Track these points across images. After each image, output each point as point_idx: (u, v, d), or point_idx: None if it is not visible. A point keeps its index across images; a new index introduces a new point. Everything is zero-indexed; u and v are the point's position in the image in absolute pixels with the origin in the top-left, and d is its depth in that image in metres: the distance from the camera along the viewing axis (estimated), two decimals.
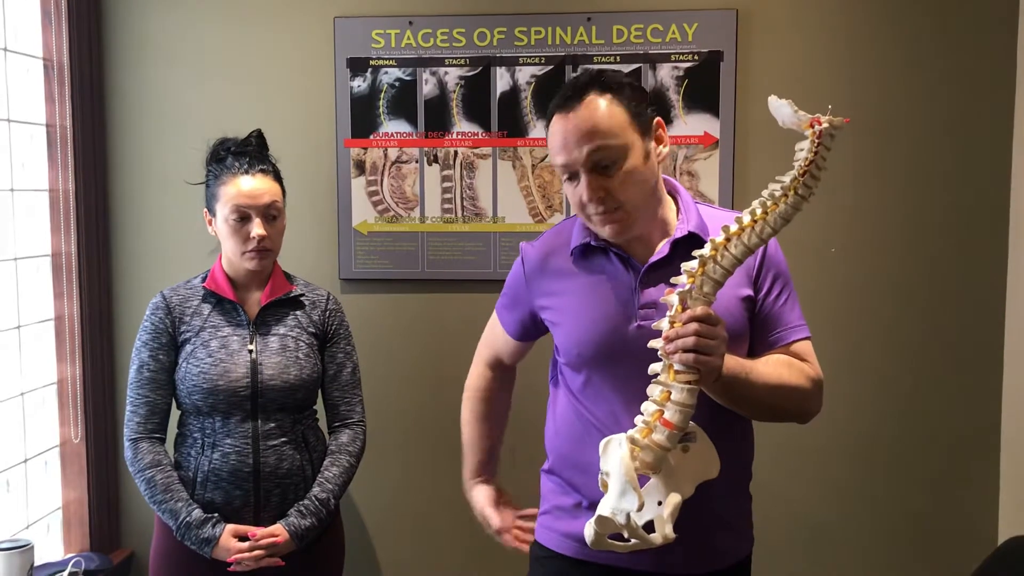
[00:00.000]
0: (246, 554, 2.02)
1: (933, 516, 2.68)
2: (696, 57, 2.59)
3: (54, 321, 2.62)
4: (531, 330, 1.84)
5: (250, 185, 2.07)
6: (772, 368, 1.59)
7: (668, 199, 1.70)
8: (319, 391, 2.22)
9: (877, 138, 2.59)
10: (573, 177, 1.60)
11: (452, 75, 2.66)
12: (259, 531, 2.05)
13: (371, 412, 2.35)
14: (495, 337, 1.93)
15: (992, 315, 2.62)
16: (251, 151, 2.14)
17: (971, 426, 2.65)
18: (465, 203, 2.69)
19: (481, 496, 1.93)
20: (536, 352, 1.95)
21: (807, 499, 2.70)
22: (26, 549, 2.27)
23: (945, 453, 2.66)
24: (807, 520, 2.70)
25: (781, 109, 1.40)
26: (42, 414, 2.61)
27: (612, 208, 1.58)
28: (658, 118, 1.64)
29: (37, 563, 2.37)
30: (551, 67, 2.62)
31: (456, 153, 2.68)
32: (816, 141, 1.37)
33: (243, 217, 2.07)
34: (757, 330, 1.65)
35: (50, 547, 2.62)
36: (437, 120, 2.67)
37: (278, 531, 2.06)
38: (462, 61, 2.65)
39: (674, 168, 2.62)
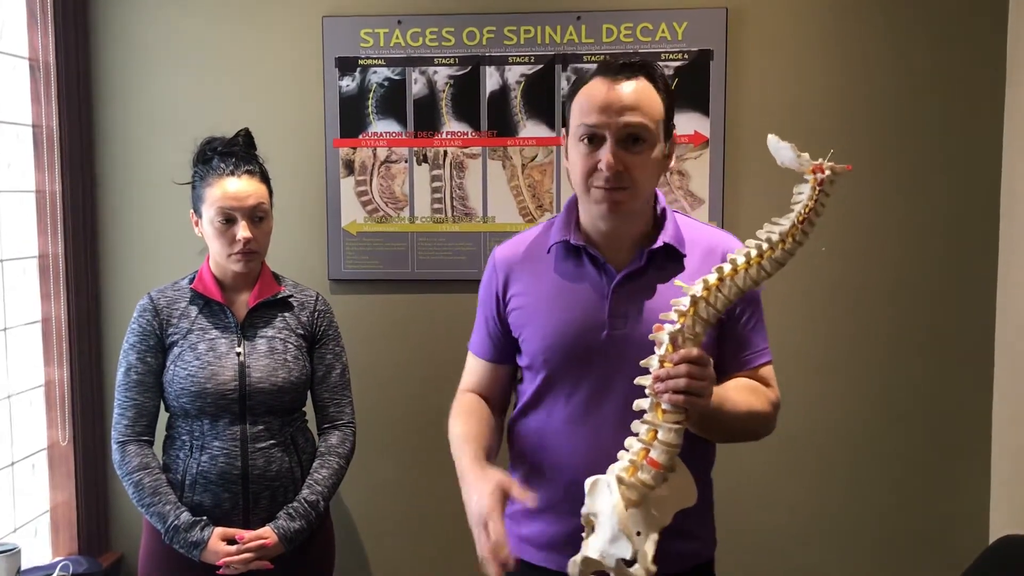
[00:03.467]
0: (235, 557, 2.01)
1: (925, 515, 2.68)
2: (686, 56, 2.58)
3: (41, 323, 2.61)
4: (501, 342, 1.75)
5: (236, 187, 2.06)
6: (741, 395, 1.60)
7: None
8: (308, 393, 2.21)
9: (867, 136, 2.59)
10: (593, 140, 1.57)
11: (441, 74, 2.64)
12: (248, 534, 2.04)
13: (361, 413, 2.33)
14: (469, 371, 1.82)
15: (983, 314, 2.62)
16: (238, 151, 2.12)
17: (962, 425, 2.65)
18: (455, 203, 2.68)
19: (491, 486, 1.49)
20: None
21: (798, 498, 2.70)
22: (13, 553, 2.26)
23: (937, 452, 2.66)
24: (799, 519, 2.70)
25: (782, 151, 1.39)
26: (29, 417, 2.59)
27: (621, 185, 1.56)
28: (676, 133, 1.65)
29: (25, 567, 2.36)
30: (541, 66, 2.61)
31: (446, 153, 2.67)
32: (818, 189, 1.37)
33: (228, 219, 2.06)
34: (726, 350, 1.66)
35: (38, 551, 2.60)
36: (426, 120, 2.66)
37: (267, 534, 2.05)
38: (451, 60, 2.64)
39: None
